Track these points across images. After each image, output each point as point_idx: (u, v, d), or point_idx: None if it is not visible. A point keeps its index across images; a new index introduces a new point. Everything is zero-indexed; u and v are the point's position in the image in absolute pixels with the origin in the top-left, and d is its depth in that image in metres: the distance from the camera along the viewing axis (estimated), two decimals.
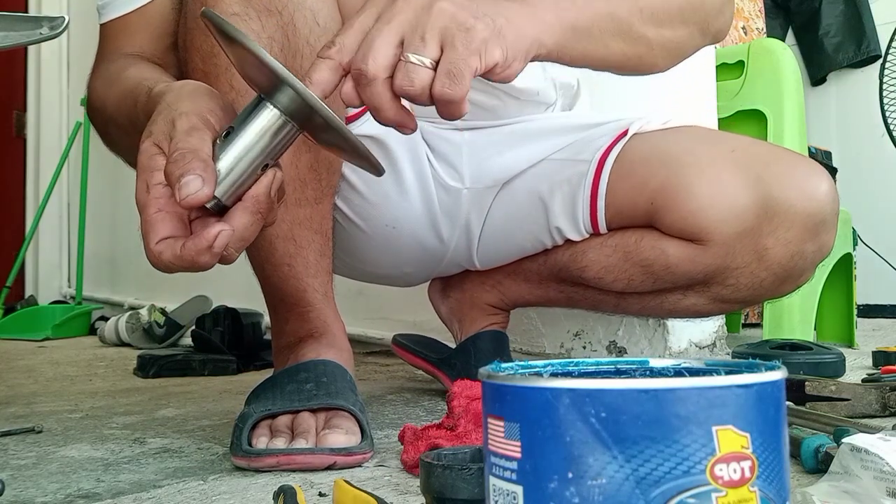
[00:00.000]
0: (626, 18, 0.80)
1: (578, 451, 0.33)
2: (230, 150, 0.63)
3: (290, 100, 0.61)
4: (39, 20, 0.92)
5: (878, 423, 0.84)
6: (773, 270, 0.98)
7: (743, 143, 1.03)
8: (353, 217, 1.07)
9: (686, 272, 0.99)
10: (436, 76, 0.64)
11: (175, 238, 0.62)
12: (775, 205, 0.95)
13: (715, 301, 1.04)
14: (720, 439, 0.34)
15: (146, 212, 0.63)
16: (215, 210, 0.63)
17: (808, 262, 1.00)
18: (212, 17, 0.62)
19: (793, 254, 0.97)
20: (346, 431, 0.80)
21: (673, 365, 0.43)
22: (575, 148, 1.09)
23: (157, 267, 0.63)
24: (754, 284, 1.00)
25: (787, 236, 0.96)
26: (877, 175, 2.97)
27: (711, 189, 0.95)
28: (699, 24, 0.89)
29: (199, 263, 0.62)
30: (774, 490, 0.35)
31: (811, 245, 0.98)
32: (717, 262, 0.97)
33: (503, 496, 0.36)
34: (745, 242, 0.96)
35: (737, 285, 1.00)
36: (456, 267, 1.21)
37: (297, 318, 0.94)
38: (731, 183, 0.95)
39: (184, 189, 0.59)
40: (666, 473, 0.33)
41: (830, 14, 3.10)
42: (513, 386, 0.36)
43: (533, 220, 1.09)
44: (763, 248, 0.97)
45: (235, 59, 0.65)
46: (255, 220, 0.64)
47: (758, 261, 0.98)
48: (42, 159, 3.66)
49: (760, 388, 0.35)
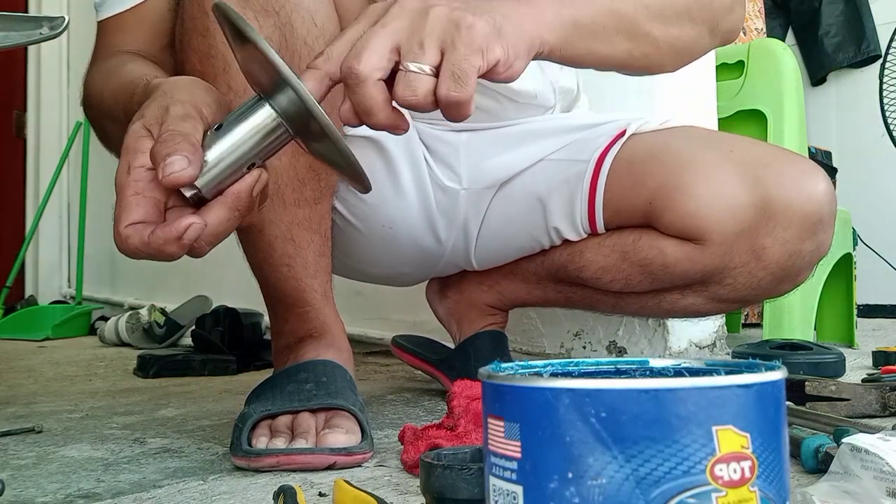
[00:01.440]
0: (630, 15, 0.78)
1: (578, 451, 0.34)
2: (220, 142, 0.62)
3: (290, 102, 0.61)
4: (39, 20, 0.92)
5: (878, 423, 0.84)
6: (770, 270, 0.98)
7: (741, 144, 1.03)
8: (349, 218, 1.07)
9: (684, 272, 0.99)
10: (440, 80, 0.62)
11: (145, 224, 0.61)
12: (773, 204, 0.95)
13: (713, 301, 1.04)
14: (720, 439, 0.34)
15: (123, 193, 0.62)
16: (194, 201, 0.63)
17: (806, 261, 1.00)
18: (226, 9, 0.62)
19: (791, 253, 0.98)
20: (346, 431, 0.80)
21: (673, 365, 0.43)
22: (573, 148, 1.09)
23: (123, 251, 0.62)
24: (752, 284, 1.00)
25: (784, 236, 0.97)
26: (877, 175, 2.97)
27: (710, 189, 0.95)
28: (708, 23, 0.87)
29: (166, 253, 0.61)
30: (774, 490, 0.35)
31: (809, 244, 0.98)
32: (715, 261, 0.97)
33: (503, 496, 0.36)
34: (743, 242, 0.96)
35: (735, 285, 1.00)
36: (454, 267, 1.21)
37: (297, 319, 0.94)
38: (729, 183, 0.95)
39: (168, 167, 0.59)
40: (666, 473, 0.33)
41: (830, 14, 3.09)
42: (513, 386, 0.36)
43: (531, 221, 1.09)
44: (761, 248, 0.97)
45: (241, 54, 0.65)
46: (231, 217, 0.63)
47: (756, 260, 0.98)
48: (42, 159, 3.66)
49: (760, 388, 0.35)
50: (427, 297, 1.30)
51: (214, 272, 2.50)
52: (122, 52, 0.92)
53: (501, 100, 1.08)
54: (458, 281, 1.24)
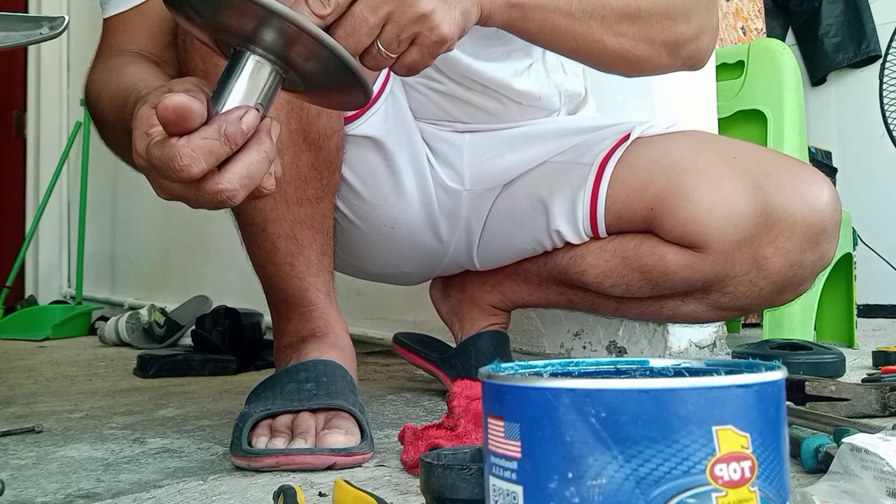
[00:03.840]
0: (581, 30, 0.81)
1: (578, 451, 0.34)
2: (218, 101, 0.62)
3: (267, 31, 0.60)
4: (39, 20, 0.92)
5: (878, 423, 0.84)
6: (771, 280, 0.98)
7: (744, 150, 1.02)
8: (351, 217, 1.07)
9: (684, 279, 0.99)
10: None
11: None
12: (775, 214, 0.95)
13: (714, 308, 1.04)
14: (720, 439, 0.34)
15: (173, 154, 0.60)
16: None
17: (808, 271, 0.99)
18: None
19: (792, 263, 0.97)
20: (345, 432, 0.80)
21: (673, 365, 0.43)
22: (576, 151, 1.09)
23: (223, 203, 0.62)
24: (753, 293, 0.99)
25: (786, 246, 0.96)
26: (877, 175, 2.97)
27: (711, 196, 0.95)
28: (667, 46, 0.88)
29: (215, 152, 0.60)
30: (774, 490, 0.35)
31: (811, 255, 0.97)
32: (716, 269, 0.97)
33: (503, 496, 0.36)
34: (744, 251, 0.96)
35: (735, 293, 1.00)
36: (456, 267, 1.21)
37: (300, 318, 0.94)
38: (730, 191, 0.95)
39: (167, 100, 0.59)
40: (666, 473, 0.33)
41: (830, 14, 3.09)
42: (513, 386, 0.36)
43: (533, 222, 1.09)
44: (762, 258, 0.96)
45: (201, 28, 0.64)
46: (261, 158, 0.62)
47: (757, 269, 0.97)
48: (42, 159, 3.65)
49: (760, 388, 0.35)
50: (431, 296, 1.30)
51: (214, 272, 2.50)
52: (124, 52, 0.92)
53: (505, 101, 1.08)
54: (461, 280, 1.24)
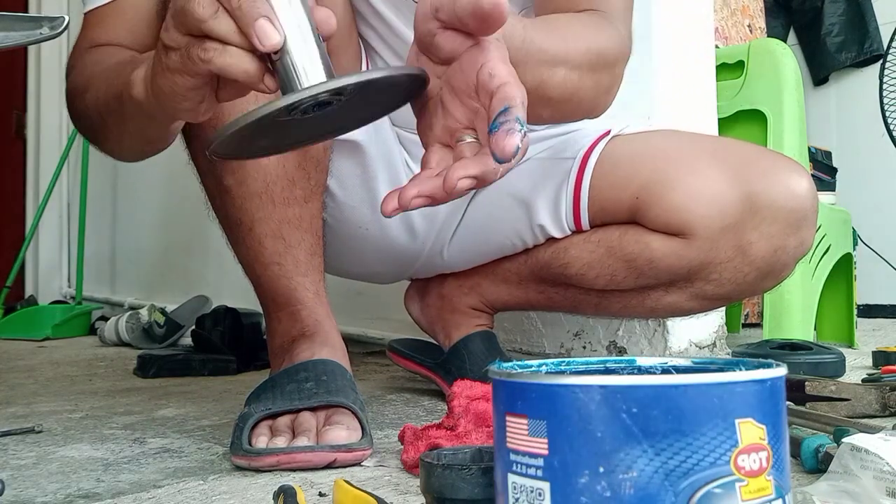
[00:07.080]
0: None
1: (610, 446, 0.34)
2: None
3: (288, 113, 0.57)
4: (39, 20, 0.92)
5: (878, 423, 0.84)
6: (756, 265, 0.99)
7: (724, 143, 1.05)
8: (325, 217, 1.07)
9: (670, 266, 0.99)
10: None
11: None
12: (758, 200, 0.97)
13: (697, 298, 1.04)
14: (742, 431, 0.35)
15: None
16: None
17: (790, 256, 1.01)
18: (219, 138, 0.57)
19: (776, 248, 0.99)
20: (346, 427, 0.80)
21: (660, 363, 0.44)
22: (558, 147, 1.10)
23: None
24: (737, 279, 1.00)
25: (770, 231, 0.98)
26: (877, 175, 2.96)
27: (696, 183, 0.96)
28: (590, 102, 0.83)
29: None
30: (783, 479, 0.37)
31: (793, 240, 0.99)
32: (701, 256, 0.98)
33: (526, 493, 0.37)
34: (729, 237, 0.97)
35: (720, 280, 1.01)
36: (431, 267, 1.20)
37: (289, 318, 0.94)
38: (715, 178, 0.96)
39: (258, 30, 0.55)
40: (694, 465, 0.34)
41: (833, 13, 3.09)
42: (540, 384, 0.36)
43: (514, 219, 1.09)
44: (747, 243, 0.98)
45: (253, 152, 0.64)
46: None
47: (741, 255, 0.98)
48: (42, 159, 3.65)
49: (773, 383, 0.37)
50: (408, 310, 1.29)
51: (214, 272, 2.50)
52: (103, 45, 0.90)
53: None
54: (438, 286, 1.23)
